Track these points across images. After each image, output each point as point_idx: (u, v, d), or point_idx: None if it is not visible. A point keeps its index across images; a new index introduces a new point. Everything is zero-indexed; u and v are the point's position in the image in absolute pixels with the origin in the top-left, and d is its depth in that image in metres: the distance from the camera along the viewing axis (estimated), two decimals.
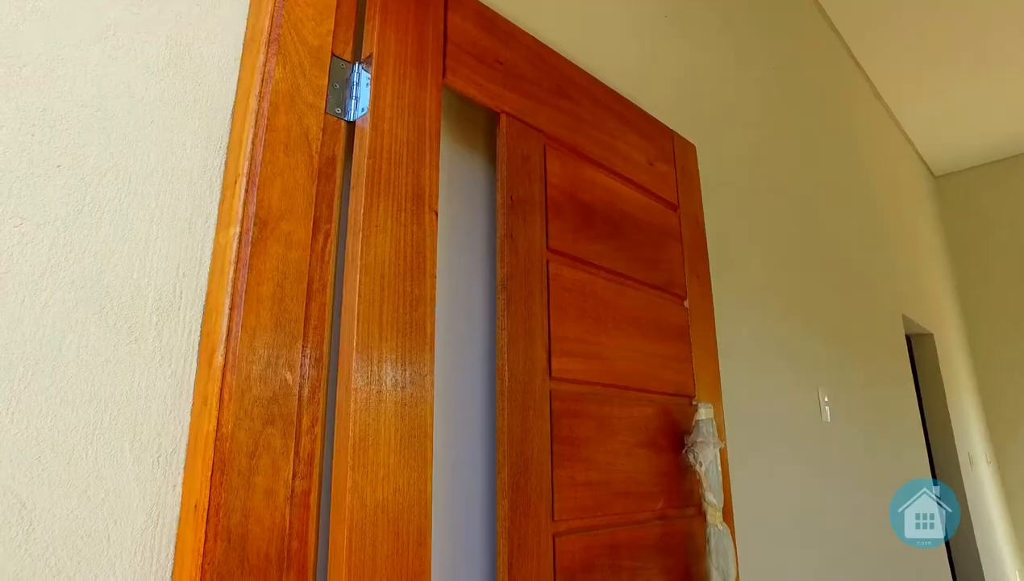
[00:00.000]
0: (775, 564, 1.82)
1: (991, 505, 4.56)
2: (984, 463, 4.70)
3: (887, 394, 3.10)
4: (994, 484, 4.86)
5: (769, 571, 1.77)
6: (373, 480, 0.65)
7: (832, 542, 2.22)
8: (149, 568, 0.58)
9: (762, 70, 2.50)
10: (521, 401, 0.89)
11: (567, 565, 0.92)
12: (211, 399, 0.61)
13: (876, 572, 2.55)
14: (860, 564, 2.42)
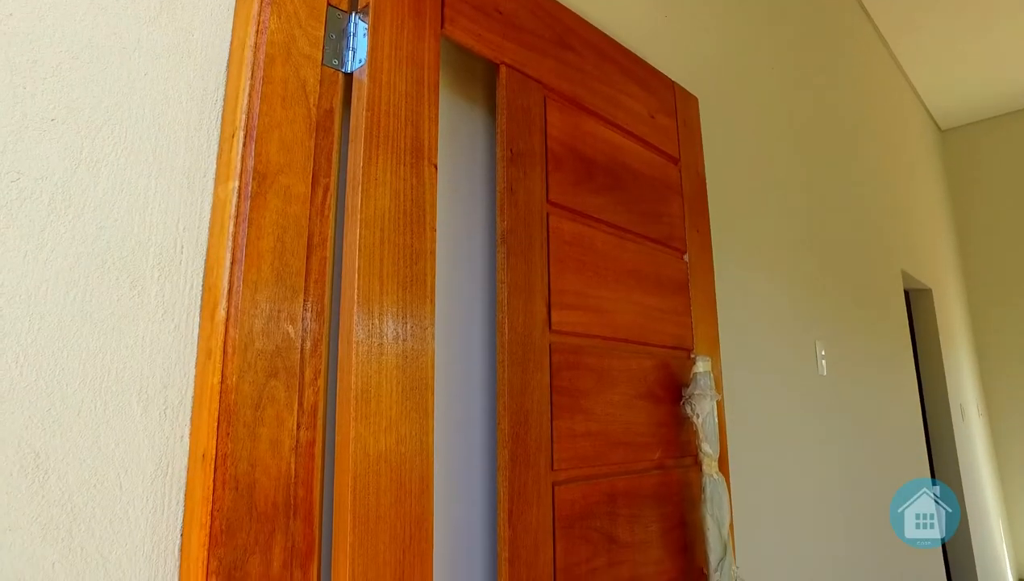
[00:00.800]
0: (769, 512, 1.86)
1: (979, 455, 4.64)
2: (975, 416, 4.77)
3: (883, 348, 3.13)
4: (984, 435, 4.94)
5: (763, 519, 1.82)
6: (376, 431, 0.66)
7: (826, 491, 2.28)
8: (161, 514, 0.60)
9: (767, 21, 2.45)
10: (521, 354, 0.90)
11: (566, 513, 0.94)
12: (215, 352, 0.62)
13: (867, 519, 2.62)
14: (853, 512, 2.48)
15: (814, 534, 2.14)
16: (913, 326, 4.12)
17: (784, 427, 2.03)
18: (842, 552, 2.33)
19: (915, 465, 3.31)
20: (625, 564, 1.04)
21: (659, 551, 1.11)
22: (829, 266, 2.63)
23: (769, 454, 1.91)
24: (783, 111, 2.43)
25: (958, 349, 4.64)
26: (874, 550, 2.61)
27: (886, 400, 3.05)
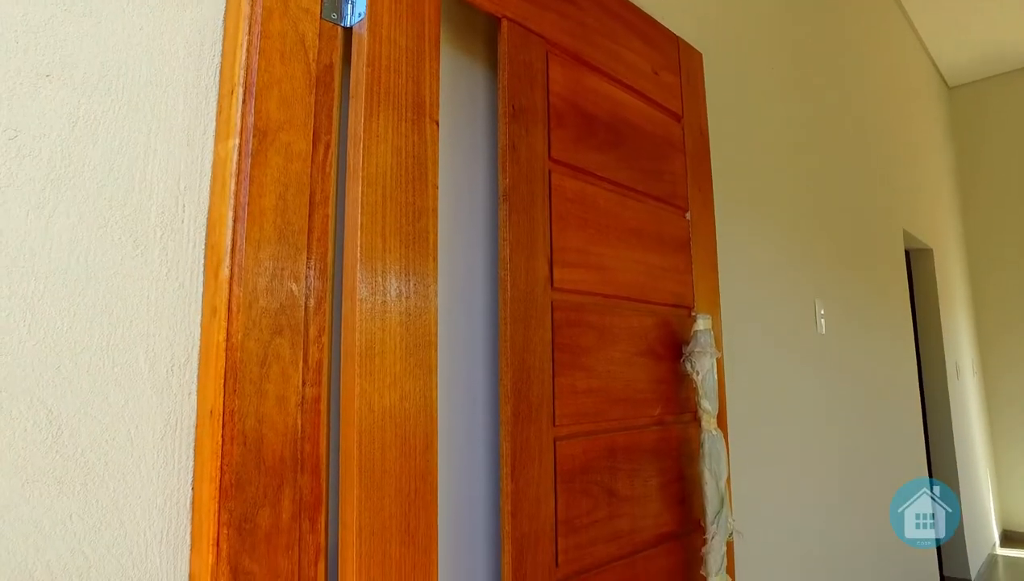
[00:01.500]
0: (766, 467, 1.90)
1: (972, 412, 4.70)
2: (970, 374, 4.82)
3: (882, 307, 3.14)
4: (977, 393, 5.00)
5: (760, 474, 1.85)
6: (380, 387, 0.67)
7: (822, 447, 2.31)
8: (172, 469, 0.61)
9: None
10: (523, 311, 0.91)
11: (567, 467, 0.96)
12: (220, 310, 0.62)
13: (861, 474, 2.67)
14: (847, 466, 2.53)
15: (809, 487, 2.18)
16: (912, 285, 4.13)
17: (782, 385, 2.06)
18: (835, 504, 2.38)
19: (909, 421, 3.36)
20: (625, 517, 1.06)
21: (658, 504, 1.14)
22: (830, 225, 2.62)
23: (767, 411, 1.93)
24: (788, 66, 2.39)
25: (956, 308, 4.66)
26: (866, 502, 2.67)
27: (883, 358, 3.07)
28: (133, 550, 0.58)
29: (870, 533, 2.64)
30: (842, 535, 2.38)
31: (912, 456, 3.32)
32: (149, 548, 0.59)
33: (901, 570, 2.95)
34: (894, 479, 3.01)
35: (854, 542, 2.48)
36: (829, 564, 2.26)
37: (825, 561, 2.23)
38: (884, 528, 2.81)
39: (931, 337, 4.14)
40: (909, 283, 3.83)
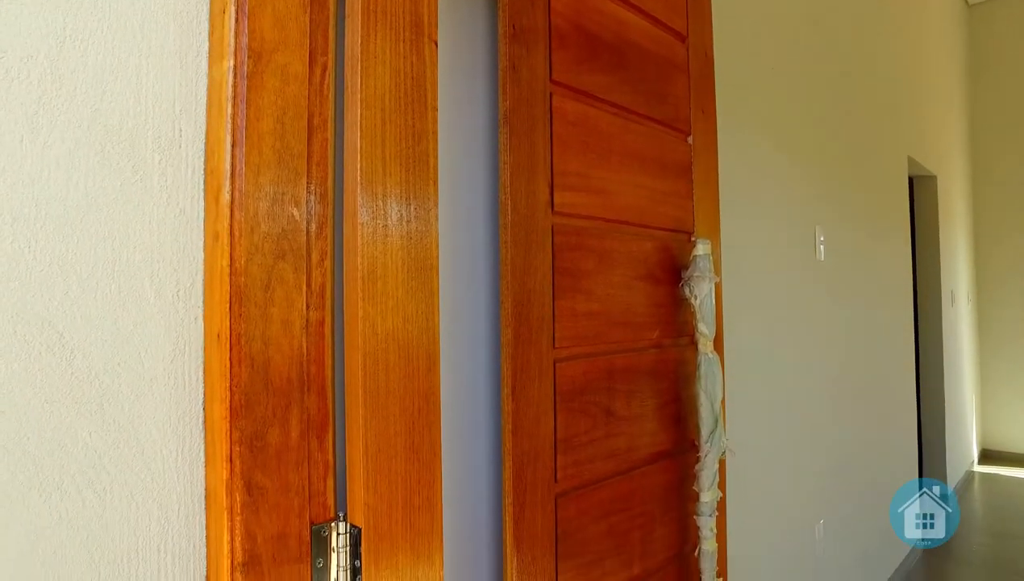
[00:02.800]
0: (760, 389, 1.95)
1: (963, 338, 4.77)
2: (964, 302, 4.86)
3: (882, 235, 3.14)
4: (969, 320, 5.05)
5: (754, 396, 1.90)
6: (383, 310, 0.68)
7: (815, 371, 2.36)
8: (183, 391, 0.63)
9: None
10: (524, 235, 0.91)
11: (567, 388, 0.99)
12: (222, 235, 0.63)
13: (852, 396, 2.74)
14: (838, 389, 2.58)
15: (801, 408, 2.24)
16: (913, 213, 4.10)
17: (780, 310, 2.08)
18: (824, 425, 2.45)
19: (902, 346, 3.41)
20: (622, 436, 1.10)
21: (654, 424, 1.17)
22: (835, 151, 2.58)
23: (763, 335, 1.96)
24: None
25: (956, 237, 4.65)
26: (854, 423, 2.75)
27: (880, 285, 3.09)
28: (151, 466, 0.60)
29: (856, 451, 2.74)
30: (830, 454, 2.47)
31: (902, 379, 3.39)
32: (166, 464, 0.61)
33: (885, 486, 3.07)
34: (883, 401, 3.09)
35: (841, 460, 2.57)
36: (816, 481, 2.35)
37: (812, 478, 2.33)
38: (871, 446, 2.90)
39: (929, 265, 4.15)
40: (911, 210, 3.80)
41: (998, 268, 5.32)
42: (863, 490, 2.77)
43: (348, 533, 0.68)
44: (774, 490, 2.03)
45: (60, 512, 0.55)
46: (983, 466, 5.16)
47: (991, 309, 5.36)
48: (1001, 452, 5.37)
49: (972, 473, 4.93)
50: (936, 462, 4.12)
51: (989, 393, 5.42)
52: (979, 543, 3.67)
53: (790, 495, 2.13)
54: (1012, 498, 4.41)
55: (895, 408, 3.22)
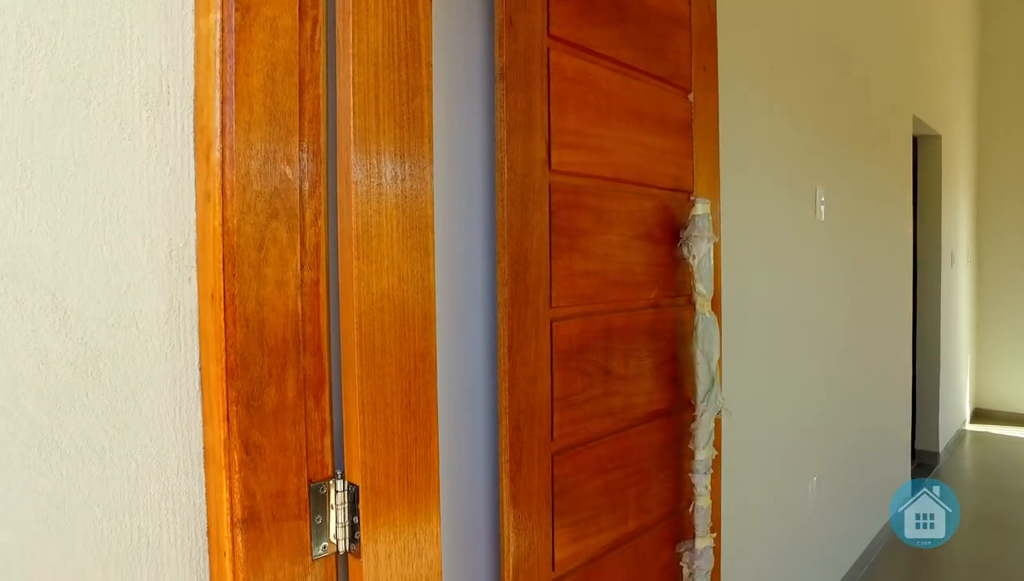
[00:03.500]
0: (757, 349, 1.96)
1: (961, 298, 4.78)
2: (964, 262, 4.85)
3: (884, 195, 3.11)
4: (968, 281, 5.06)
5: (750, 354, 1.91)
6: (378, 270, 0.68)
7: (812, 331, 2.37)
8: (178, 351, 0.63)
9: None
10: (520, 193, 0.90)
11: (564, 348, 0.99)
12: (213, 195, 0.62)
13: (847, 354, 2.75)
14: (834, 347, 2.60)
15: (797, 368, 2.26)
16: (916, 172, 4.05)
17: (778, 270, 2.08)
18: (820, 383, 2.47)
19: (900, 306, 3.42)
20: (619, 395, 1.11)
21: (651, 383, 1.18)
22: (839, 109, 2.54)
23: (761, 295, 1.96)
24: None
25: (958, 197, 4.61)
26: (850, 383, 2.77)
27: (880, 246, 3.08)
28: (149, 425, 0.61)
29: (851, 409, 2.77)
30: (825, 413, 2.50)
31: (898, 339, 3.41)
32: (164, 423, 0.62)
33: (877, 444, 3.12)
34: (880, 361, 3.11)
35: (835, 418, 2.60)
36: (810, 439, 2.39)
37: (806, 436, 2.35)
38: (865, 405, 2.94)
39: (930, 226, 4.13)
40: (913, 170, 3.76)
41: (999, 229, 5.31)
42: (856, 448, 2.81)
43: (346, 491, 0.69)
44: (769, 448, 2.05)
45: (61, 470, 0.56)
46: (975, 424, 5.23)
47: (990, 270, 5.36)
48: (993, 411, 5.44)
49: (964, 431, 5.00)
50: (929, 420, 4.17)
51: (984, 352, 5.46)
52: (967, 499, 3.74)
53: (784, 453, 2.16)
54: (1002, 456, 4.49)
55: (891, 367, 3.25)
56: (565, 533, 1.02)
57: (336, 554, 0.69)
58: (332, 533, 0.68)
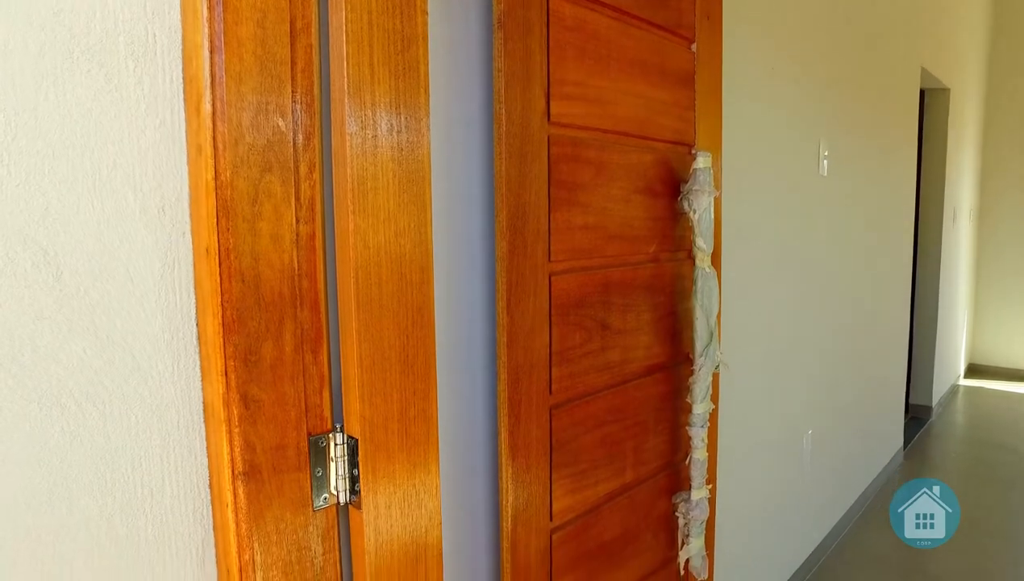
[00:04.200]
0: (756, 303, 1.96)
1: (961, 255, 4.76)
2: (966, 219, 4.82)
3: (888, 149, 3.07)
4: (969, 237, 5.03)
5: (749, 310, 1.92)
6: (374, 223, 0.67)
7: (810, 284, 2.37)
8: (175, 306, 0.62)
9: None
10: (519, 146, 0.89)
11: (562, 302, 0.99)
12: (205, 148, 0.61)
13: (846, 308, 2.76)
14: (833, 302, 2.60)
15: (795, 322, 2.26)
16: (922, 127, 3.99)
17: (778, 225, 2.06)
18: (819, 339, 2.48)
19: (900, 262, 3.41)
20: (617, 349, 1.11)
21: (649, 337, 1.19)
22: (845, 62, 2.48)
23: (761, 250, 1.96)
24: None
25: (963, 153, 4.55)
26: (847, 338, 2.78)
27: (883, 202, 3.06)
28: (148, 380, 0.61)
29: (848, 364, 2.79)
30: (821, 368, 2.52)
31: (897, 295, 3.41)
32: (162, 379, 0.62)
33: (872, 398, 3.15)
34: (877, 316, 3.12)
35: (831, 373, 2.62)
36: (806, 393, 2.41)
37: (802, 391, 2.38)
38: (862, 361, 2.96)
39: (933, 182, 4.08)
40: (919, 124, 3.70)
41: (1003, 185, 5.26)
42: (850, 402, 2.84)
43: (345, 444, 0.69)
44: (765, 402, 2.08)
45: (62, 425, 0.56)
46: (969, 380, 5.28)
47: (992, 226, 5.34)
48: (987, 366, 5.48)
49: (957, 386, 5.06)
50: (923, 375, 4.21)
51: (981, 308, 5.48)
52: (956, 451, 3.81)
53: (780, 407, 2.18)
54: (994, 410, 4.55)
55: (888, 323, 3.26)
56: (563, 485, 1.03)
57: (337, 505, 0.70)
58: (332, 485, 0.69)
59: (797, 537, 2.38)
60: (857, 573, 2.47)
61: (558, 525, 1.04)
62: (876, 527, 2.84)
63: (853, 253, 2.73)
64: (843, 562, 2.55)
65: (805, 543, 2.45)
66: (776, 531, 2.21)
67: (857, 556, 2.60)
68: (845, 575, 2.46)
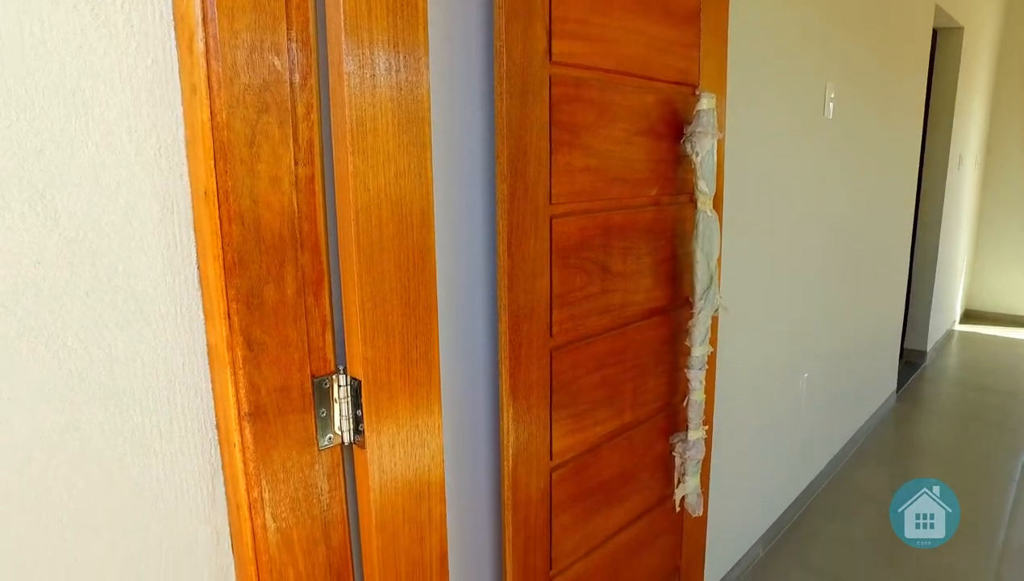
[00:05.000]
0: (756, 246, 1.95)
1: (964, 201, 4.72)
2: (971, 165, 4.75)
3: (896, 92, 3.01)
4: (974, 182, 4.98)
5: (750, 252, 1.91)
6: (374, 165, 0.66)
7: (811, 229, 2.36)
8: (175, 249, 0.62)
9: None
10: (520, 86, 0.87)
11: (563, 244, 0.99)
12: (200, 88, 0.59)
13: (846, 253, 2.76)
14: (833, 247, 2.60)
15: (796, 267, 2.27)
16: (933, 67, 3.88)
17: (781, 168, 2.04)
18: (818, 282, 2.49)
19: (902, 207, 3.39)
20: (617, 292, 1.12)
21: (649, 281, 1.19)
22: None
23: (763, 194, 1.94)
24: None
25: (973, 95, 4.45)
26: (846, 282, 2.79)
27: (888, 146, 3.01)
28: (151, 323, 0.61)
29: (845, 309, 2.80)
30: (819, 311, 2.53)
31: (898, 240, 3.41)
32: (165, 321, 0.62)
33: (868, 343, 3.18)
34: (877, 261, 3.12)
35: (829, 317, 2.64)
36: (804, 336, 2.43)
37: (800, 334, 2.40)
38: (860, 305, 2.97)
39: (940, 126, 4.01)
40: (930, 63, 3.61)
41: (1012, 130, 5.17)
42: (847, 346, 2.87)
43: (349, 385, 0.70)
44: (764, 345, 2.10)
45: (69, 367, 0.57)
46: (964, 325, 5.32)
47: (997, 172, 5.28)
48: (983, 312, 5.52)
49: (952, 331, 5.10)
50: (920, 320, 4.24)
51: (980, 253, 5.47)
52: (949, 394, 3.87)
53: (778, 350, 2.21)
54: (987, 355, 4.60)
55: (887, 267, 3.27)
56: (563, 425, 1.05)
57: (342, 445, 0.72)
58: (337, 425, 0.71)
59: (789, 476, 2.45)
60: (846, 509, 2.55)
61: (558, 464, 1.06)
62: (866, 466, 2.91)
63: (856, 197, 2.71)
64: (833, 499, 2.63)
65: (797, 481, 2.52)
66: (769, 470, 2.27)
67: (847, 493, 2.67)
68: (835, 511, 2.54)
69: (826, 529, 2.41)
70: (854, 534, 2.38)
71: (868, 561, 2.22)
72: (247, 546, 0.66)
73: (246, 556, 0.67)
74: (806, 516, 2.50)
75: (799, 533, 2.39)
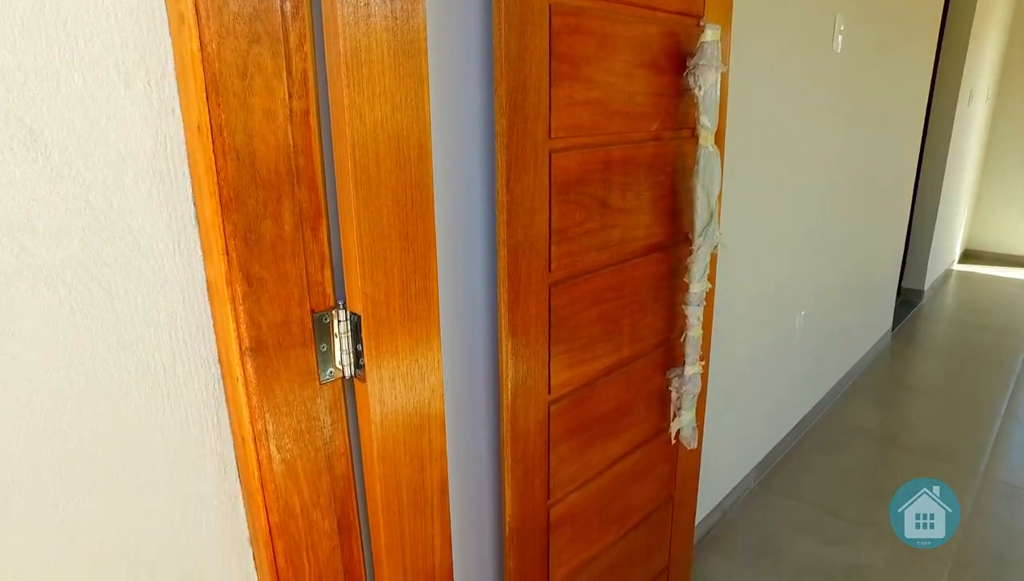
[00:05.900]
0: (757, 182, 1.93)
1: (972, 138, 4.64)
2: (982, 100, 4.64)
3: (908, 26, 2.91)
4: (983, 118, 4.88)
5: (750, 188, 1.90)
6: (370, 98, 0.65)
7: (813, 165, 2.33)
8: (170, 185, 0.62)
9: None
10: (519, 15, 0.84)
11: (562, 179, 0.98)
12: (187, 16, 0.57)
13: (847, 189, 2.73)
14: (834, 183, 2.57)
15: (796, 204, 2.25)
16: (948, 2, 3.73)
17: (785, 103, 2.00)
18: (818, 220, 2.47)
19: (908, 144, 3.34)
20: (616, 228, 1.11)
21: (649, 217, 1.18)
22: None
23: (766, 128, 1.91)
24: None
25: (988, 28, 4.30)
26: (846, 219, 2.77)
27: (897, 81, 2.94)
28: (150, 260, 0.61)
29: (844, 247, 2.80)
30: (818, 249, 2.53)
31: (901, 179, 3.37)
32: (164, 258, 0.62)
33: (867, 281, 3.19)
34: (879, 199, 3.09)
35: (828, 255, 2.64)
36: (802, 275, 2.43)
37: (799, 272, 2.40)
38: (859, 243, 2.97)
39: (953, 61, 3.89)
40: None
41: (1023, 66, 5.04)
42: (845, 284, 2.88)
43: (348, 320, 0.71)
44: (762, 283, 2.10)
45: (71, 303, 0.57)
46: (963, 265, 5.33)
47: (1007, 108, 5.17)
48: (982, 252, 5.51)
49: (951, 271, 5.11)
50: (918, 260, 4.24)
51: (983, 192, 5.42)
52: (944, 333, 3.91)
53: (776, 288, 2.22)
54: (984, 294, 4.62)
55: (889, 206, 3.24)
56: (561, 359, 1.07)
57: (343, 379, 0.73)
58: (337, 360, 0.72)
59: (783, 410, 2.50)
60: (838, 443, 2.62)
61: (556, 397, 1.08)
62: (859, 402, 2.97)
63: (861, 134, 2.66)
64: (826, 433, 2.69)
65: (790, 415, 2.58)
66: (764, 405, 2.31)
67: (839, 428, 2.74)
68: (827, 444, 2.60)
69: (818, 461, 2.48)
70: (845, 466, 2.45)
71: (859, 492, 2.29)
72: (253, 476, 0.68)
73: (253, 485, 0.69)
74: (798, 449, 2.57)
75: (791, 465, 2.46)
